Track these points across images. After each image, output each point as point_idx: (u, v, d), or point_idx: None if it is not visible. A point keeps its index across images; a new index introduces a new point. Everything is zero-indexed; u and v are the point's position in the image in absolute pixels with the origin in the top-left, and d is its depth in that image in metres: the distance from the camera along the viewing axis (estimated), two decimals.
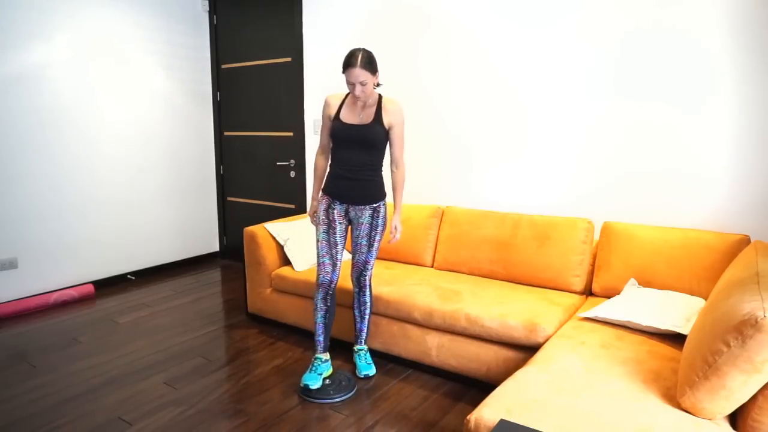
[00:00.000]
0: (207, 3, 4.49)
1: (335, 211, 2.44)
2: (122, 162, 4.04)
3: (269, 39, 4.17)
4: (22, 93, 3.43)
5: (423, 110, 3.41)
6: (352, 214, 2.47)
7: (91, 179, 3.85)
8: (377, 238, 2.49)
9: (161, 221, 4.37)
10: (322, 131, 2.51)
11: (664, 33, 2.58)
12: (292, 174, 4.21)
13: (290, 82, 4.09)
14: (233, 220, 4.75)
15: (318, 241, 2.46)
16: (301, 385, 2.39)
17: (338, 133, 2.38)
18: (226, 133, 4.64)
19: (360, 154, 2.38)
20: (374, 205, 2.46)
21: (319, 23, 3.82)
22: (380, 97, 2.39)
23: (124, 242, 4.11)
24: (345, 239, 2.49)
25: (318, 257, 2.46)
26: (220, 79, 4.58)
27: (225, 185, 4.74)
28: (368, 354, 2.65)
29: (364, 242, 2.49)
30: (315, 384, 2.38)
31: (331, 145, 2.47)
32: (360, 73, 2.22)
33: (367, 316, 2.61)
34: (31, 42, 3.44)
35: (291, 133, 4.16)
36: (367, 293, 2.58)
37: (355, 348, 2.64)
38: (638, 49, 2.65)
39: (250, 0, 4.26)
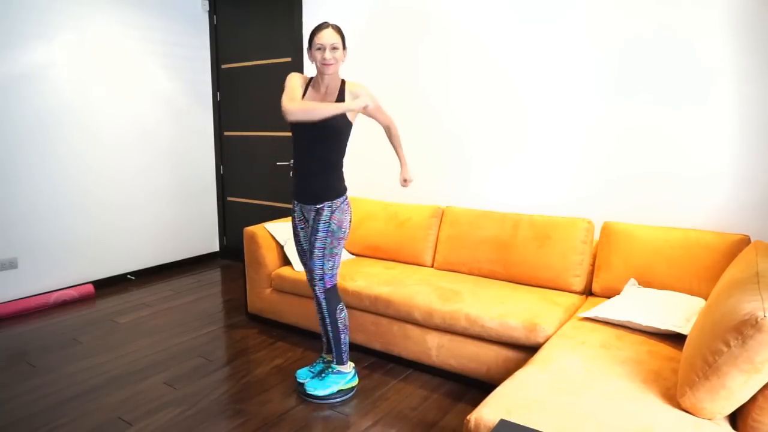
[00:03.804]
0: (207, 3, 4.49)
1: (296, 215, 2.38)
2: (122, 162, 4.04)
3: (269, 39, 4.17)
4: (23, 93, 3.43)
5: (423, 110, 3.41)
6: (306, 216, 2.34)
7: (91, 179, 3.85)
8: (317, 245, 2.23)
9: (161, 221, 4.37)
10: (295, 87, 2.18)
11: (664, 33, 2.57)
12: (292, 174, 4.20)
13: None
14: (233, 220, 4.74)
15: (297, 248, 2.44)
16: (297, 376, 2.46)
17: (300, 125, 2.20)
18: (226, 133, 4.64)
19: (315, 145, 2.20)
20: (317, 205, 2.26)
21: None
22: (343, 81, 2.25)
23: (124, 242, 4.11)
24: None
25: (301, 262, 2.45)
26: (220, 79, 4.58)
27: (225, 185, 4.74)
28: (335, 376, 2.35)
29: (306, 247, 2.34)
30: (302, 378, 2.42)
31: (293, 139, 2.30)
32: (332, 36, 2.09)
33: (330, 333, 2.34)
34: (31, 42, 3.44)
35: (291, 133, 4.16)
36: (324, 308, 2.30)
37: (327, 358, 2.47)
38: (638, 49, 2.65)
39: (250, 0, 4.26)
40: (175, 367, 2.68)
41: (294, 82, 2.21)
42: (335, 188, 2.28)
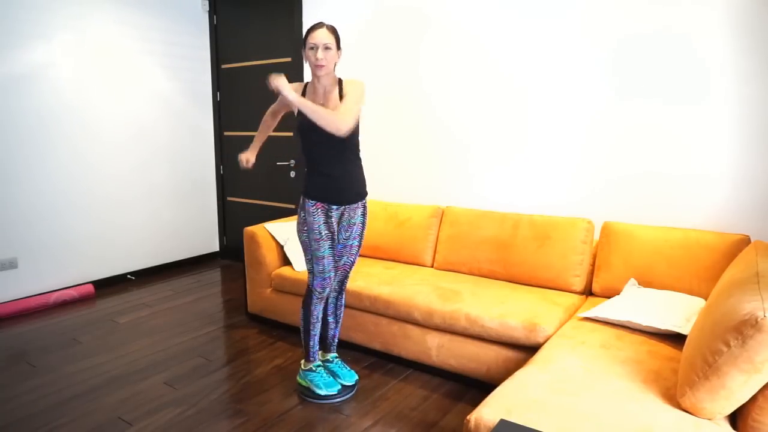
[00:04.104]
0: (207, 3, 4.49)
1: (333, 220, 2.25)
2: (122, 162, 4.04)
3: (269, 39, 4.17)
4: (22, 93, 3.43)
5: (423, 110, 3.41)
6: (345, 216, 2.29)
7: (91, 179, 3.85)
8: (363, 237, 2.39)
9: (161, 221, 4.37)
10: (276, 103, 2.43)
11: (664, 33, 2.57)
12: (292, 174, 4.21)
13: (290, 82, 4.08)
14: (233, 220, 4.75)
15: (323, 257, 2.23)
16: (329, 392, 2.33)
17: (307, 125, 2.14)
18: (226, 133, 4.64)
19: (336, 145, 2.16)
20: (363, 201, 2.33)
21: None
22: (340, 80, 2.22)
23: (124, 242, 4.11)
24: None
25: (323, 272, 2.26)
26: (220, 79, 4.58)
27: (225, 185, 4.74)
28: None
29: (356, 243, 2.34)
30: (336, 387, 2.36)
31: (301, 144, 2.25)
32: (325, 35, 2.09)
33: (340, 320, 2.53)
34: (31, 42, 3.44)
35: (291, 133, 4.16)
36: (344, 299, 2.51)
37: (330, 356, 2.51)
38: (638, 49, 2.65)
39: (250, 0, 4.26)
40: (175, 367, 2.68)
41: (281, 99, 2.35)
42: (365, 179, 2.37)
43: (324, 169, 2.20)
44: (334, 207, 2.24)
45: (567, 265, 2.65)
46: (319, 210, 2.22)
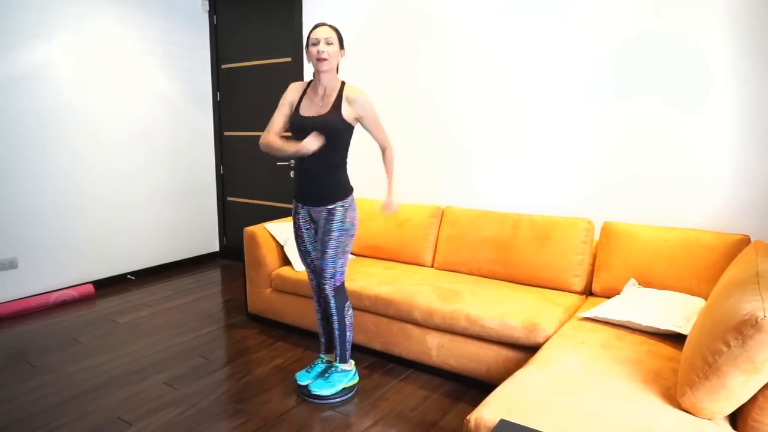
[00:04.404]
0: (207, 3, 4.49)
1: (300, 217, 2.36)
2: (122, 162, 4.04)
3: (269, 39, 4.17)
4: (22, 93, 3.43)
5: (423, 111, 3.41)
6: (313, 216, 2.35)
7: (91, 179, 3.85)
8: (331, 244, 2.26)
9: (161, 221, 4.37)
10: (277, 115, 2.31)
11: (664, 34, 2.58)
12: (292, 174, 4.21)
13: (290, 82, 4.08)
14: (233, 220, 4.75)
15: (298, 250, 2.45)
16: (297, 380, 2.44)
17: (294, 125, 2.24)
18: (226, 133, 4.64)
19: (321, 150, 2.21)
20: (328, 207, 2.27)
21: None
22: (343, 84, 2.24)
23: (124, 242, 4.11)
24: (317, 243, 2.39)
25: (304, 264, 2.46)
26: (220, 79, 4.58)
27: (225, 185, 4.74)
28: (339, 375, 2.37)
29: (310, 248, 2.39)
30: (303, 380, 2.40)
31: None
32: (327, 31, 2.14)
33: (336, 332, 2.35)
34: (31, 42, 3.44)
35: (291, 134, 4.16)
36: (332, 306, 2.32)
37: (329, 357, 2.50)
38: (638, 49, 2.65)
39: (250, 0, 4.26)
40: (175, 367, 2.68)
41: (283, 101, 2.32)
42: (344, 187, 2.31)
43: (303, 169, 2.29)
44: (300, 205, 2.36)
45: (567, 265, 2.65)
46: (293, 204, 2.40)
